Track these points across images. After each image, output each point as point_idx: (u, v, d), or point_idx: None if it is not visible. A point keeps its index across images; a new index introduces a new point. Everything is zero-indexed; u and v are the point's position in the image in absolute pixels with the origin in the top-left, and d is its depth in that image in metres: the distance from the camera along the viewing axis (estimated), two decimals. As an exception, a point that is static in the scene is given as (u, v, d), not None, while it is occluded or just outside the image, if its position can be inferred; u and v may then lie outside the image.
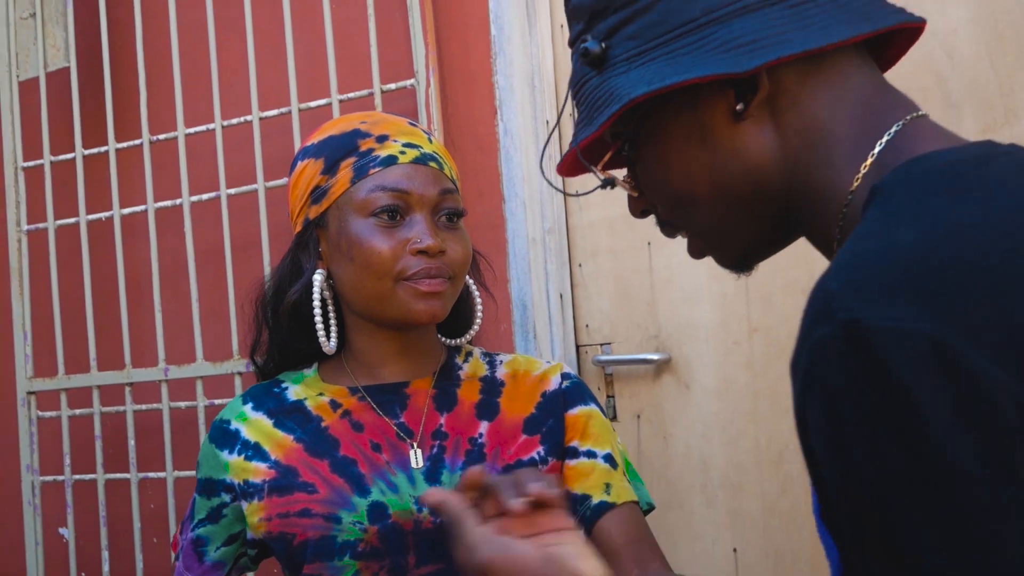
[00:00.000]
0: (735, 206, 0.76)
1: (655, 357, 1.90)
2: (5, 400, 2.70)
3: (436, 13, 2.07)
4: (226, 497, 1.18)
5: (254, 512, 1.15)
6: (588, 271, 2.01)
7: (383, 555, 1.09)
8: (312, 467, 1.15)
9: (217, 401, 2.17)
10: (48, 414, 2.38)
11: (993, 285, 0.54)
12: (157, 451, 2.29)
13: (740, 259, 0.81)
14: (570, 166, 0.84)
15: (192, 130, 2.21)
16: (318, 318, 1.20)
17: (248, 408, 1.22)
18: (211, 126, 2.19)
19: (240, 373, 2.12)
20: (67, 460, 2.34)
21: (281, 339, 1.25)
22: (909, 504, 0.53)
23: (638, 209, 0.84)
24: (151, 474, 2.26)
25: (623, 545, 1.12)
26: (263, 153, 2.12)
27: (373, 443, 1.16)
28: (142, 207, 2.26)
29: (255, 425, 1.20)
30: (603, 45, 0.76)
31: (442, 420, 1.18)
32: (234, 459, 1.18)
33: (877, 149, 0.69)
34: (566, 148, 0.87)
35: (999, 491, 0.51)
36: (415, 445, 1.15)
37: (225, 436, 1.20)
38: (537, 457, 1.17)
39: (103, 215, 2.31)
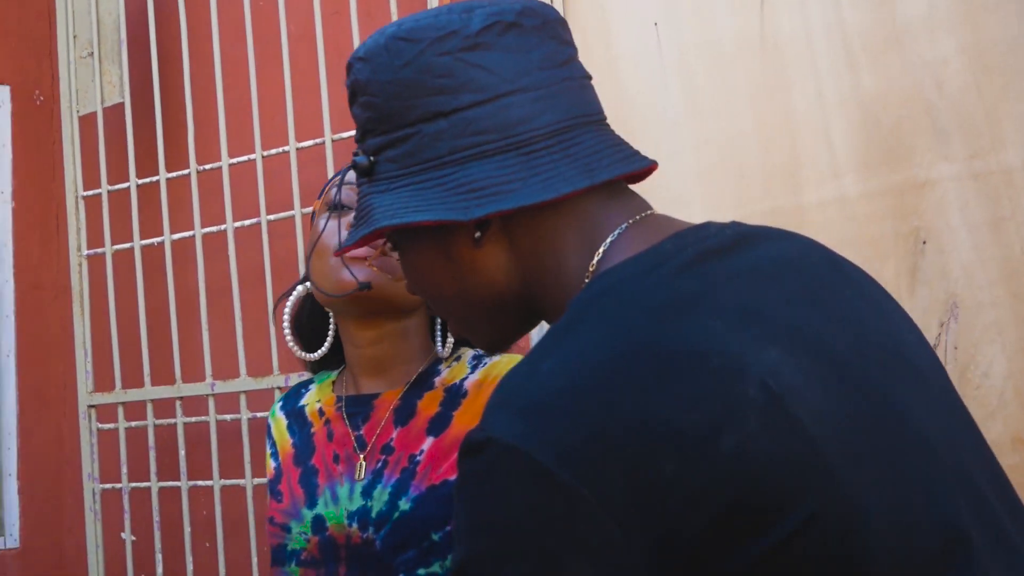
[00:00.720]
0: (479, 310, 0.87)
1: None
2: (69, 413, 2.89)
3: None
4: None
5: None
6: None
7: (320, 564, 1.17)
8: (289, 475, 1.24)
9: (259, 414, 2.31)
10: (107, 426, 2.55)
11: (593, 408, 0.67)
12: (205, 461, 2.44)
13: (489, 346, 0.92)
14: (346, 251, 0.95)
15: (235, 160, 2.36)
16: (286, 321, 1.28)
17: (278, 406, 1.34)
18: (252, 156, 2.34)
19: (280, 388, 2.26)
20: (124, 469, 2.50)
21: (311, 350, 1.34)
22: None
23: (408, 290, 0.95)
24: (200, 482, 2.41)
25: None
26: (299, 181, 2.26)
27: (336, 454, 1.22)
28: (190, 232, 2.42)
29: (278, 423, 1.31)
30: (371, 159, 0.85)
31: (394, 434, 1.21)
32: (268, 451, 1.31)
33: (595, 259, 0.80)
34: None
35: None
36: (364, 458, 1.21)
37: (268, 430, 1.33)
38: None
39: (155, 240, 2.47)
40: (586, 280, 0.80)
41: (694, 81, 1.98)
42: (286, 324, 1.29)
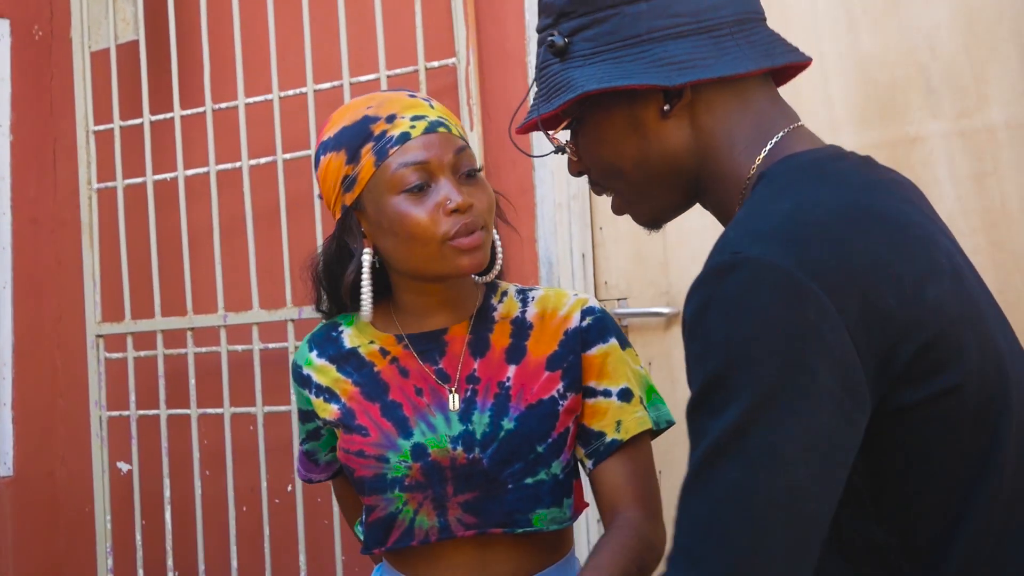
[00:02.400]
0: (653, 181, 0.98)
1: (666, 311, 2.15)
2: (64, 344, 2.95)
3: (476, -2, 2.29)
4: (319, 422, 1.39)
5: (337, 437, 1.37)
6: (608, 233, 2.25)
7: (426, 487, 1.27)
8: (366, 411, 1.32)
9: (271, 345, 2.41)
10: (115, 355, 2.62)
11: (837, 241, 0.80)
12: (215, 391, 2.53)
13: (651, 220, 1.04)
14: (527, 129, 1.05)
15: (252, 100, 2.44)
16: (366, 292, 1.32)
17: (314, 355, 1.39)
18: (269, 96, 2.42)
19: (293, 320, 2.36)
20: (132, 397, 2.58)
21: (339, 303, 1.40)
22: (739, 370, 0.77)
23: (575, 170, 1.06)
24: (209, 410, 2.51)
25: (622, 485, 1.29)
26: (316, 122, 2.35)
27: (416, 388, 1.32)
28: (204, 169, 2.50)
29: (322, 371, 1.38)
30: (566, 40, 0.96)
31: (476, 365, 1.32)
32: (315, 399, 1.37)
33: (767, 148, 0.93)
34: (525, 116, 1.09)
35: (790, 400, 0.76)
36: (452, 390, 1.31)
37: (302, 379, 1.39)
38: (557, 395, 1.30)
39: (168, 176, 2.54)
40: (753, 169, 0.92)
41: (701, 38, 2.11)
42: (366, 292, 1.32)
